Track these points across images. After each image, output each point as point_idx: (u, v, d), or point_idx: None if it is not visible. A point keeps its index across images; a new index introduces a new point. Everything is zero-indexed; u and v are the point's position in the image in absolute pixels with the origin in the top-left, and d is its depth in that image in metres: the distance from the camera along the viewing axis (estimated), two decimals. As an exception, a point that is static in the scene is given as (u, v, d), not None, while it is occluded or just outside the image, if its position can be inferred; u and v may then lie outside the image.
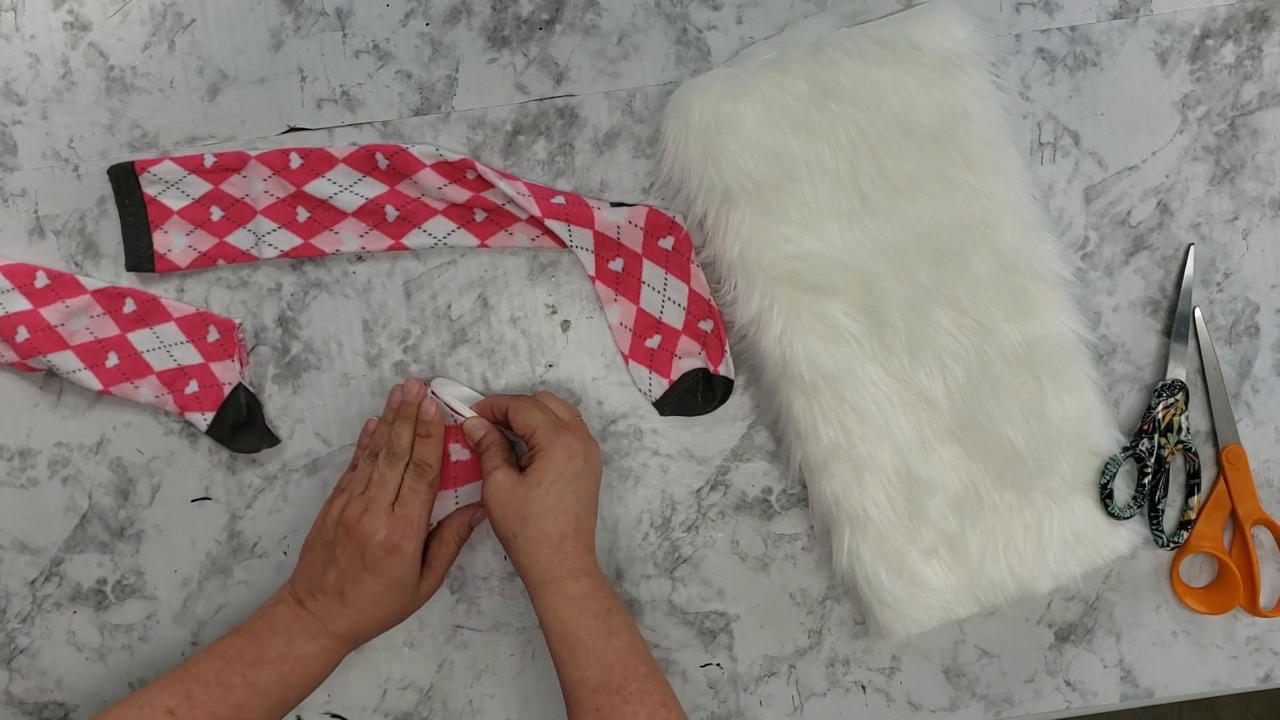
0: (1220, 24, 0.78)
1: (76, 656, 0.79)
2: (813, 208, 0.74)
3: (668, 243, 0.77)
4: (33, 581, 0.79)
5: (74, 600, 0.79)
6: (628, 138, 0.78)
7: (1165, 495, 0.78)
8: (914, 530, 0.74)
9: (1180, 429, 0.77)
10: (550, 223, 0.76)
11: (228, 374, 0.77)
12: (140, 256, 0.77)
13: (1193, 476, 0.78)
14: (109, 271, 0.78)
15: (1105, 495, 0.75)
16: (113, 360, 0.77)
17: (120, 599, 0.79)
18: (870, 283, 0.74)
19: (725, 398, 0.78)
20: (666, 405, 0.78)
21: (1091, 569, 0.76)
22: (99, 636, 0.79)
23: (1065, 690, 0.80)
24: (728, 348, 0.77)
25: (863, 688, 0.80)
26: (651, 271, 0.77)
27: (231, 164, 0.77)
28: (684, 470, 0.79)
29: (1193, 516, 0.78)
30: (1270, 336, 0.80)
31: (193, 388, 0.77)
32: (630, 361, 0.78)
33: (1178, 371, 0.78)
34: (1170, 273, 0.79)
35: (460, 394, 0.76)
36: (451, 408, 0.74)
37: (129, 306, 0.77)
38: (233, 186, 0.77)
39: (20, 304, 0.75)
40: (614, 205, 0.77)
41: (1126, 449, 0.76)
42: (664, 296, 0.77)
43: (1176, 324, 0.78)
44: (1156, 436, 0.77)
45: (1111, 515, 0.75)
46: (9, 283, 0.76)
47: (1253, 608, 0.78)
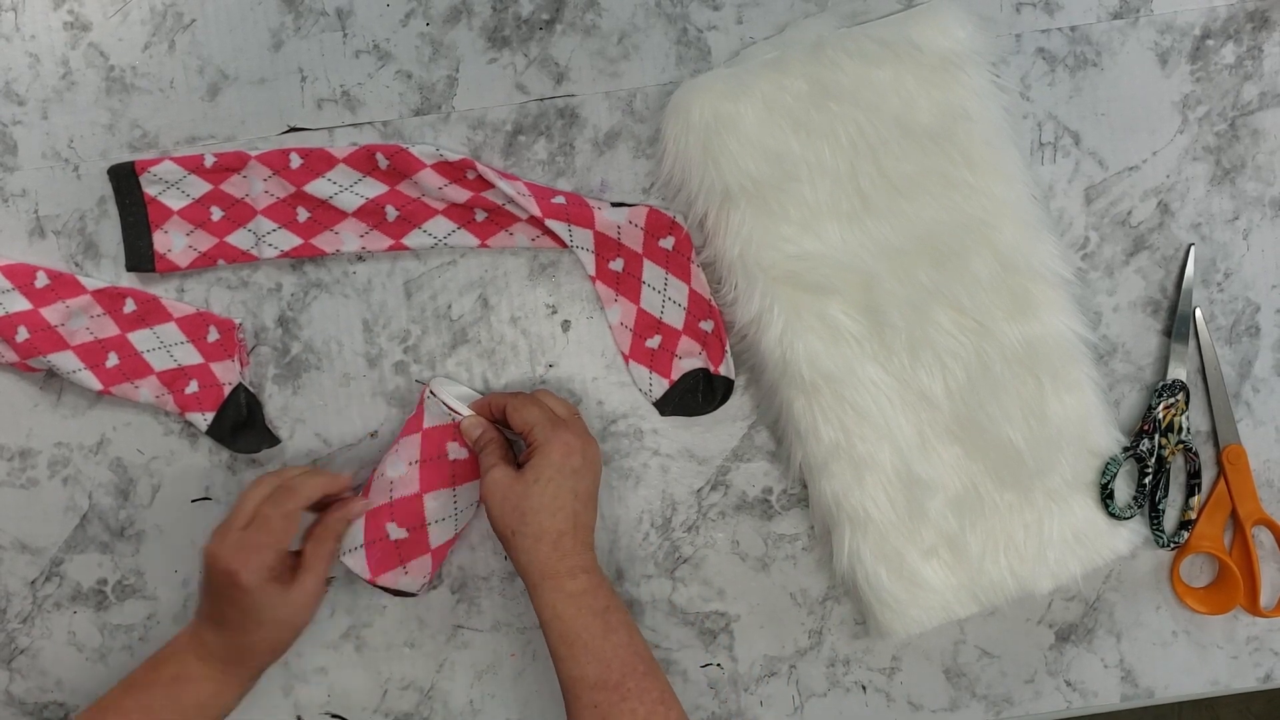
0: (1220, 24, 0.78)
1: (76, 657, 0.79)
2: (813, 208, 0.74)
3: (668, 243, 0.77)
4: (33, 582, 0.79)
5: (74, 600, 0.79)
6: (628, 138, 0.78)
7: (1165, 495, 0.78)
8: (914, 530, 0.74)
9: (1180, 429, 0.77)
10: (551, 223, 0.76)
11: (228, 374, 0.77)
12: (140, 256, 0.77)
13: (1193, 476, 0.78)
14: (109, 271, 0.78)
15: (1105, 495, 0.75)
16: (113, 360, 0.77)
17: (120, 599, 0.79)
18: (870, 283, 0.74)
19: (726, 398, 0.78)
20: (667, 405, 0.78)
21: (1092, 569, 0.76)
22: (99, 637, 0.79)
23: (1065, 690, 0.80)
24: (728, 348, 0.77)
25: (863, 688, 0.80)
26: (652, 271, 0.77)
27: (231, 164, 0.77)
28: (684, 470, 0.79)
29: (1193, 516, 0.78)
30: (1270, 336, 0.80)
31: (193, 388, 0.77)
32: (630, 361, 0.78)
33: (1178, 371, 0.78)
34: (1170, 273, 0.79)
35: (458, 393, 0.76)
36: (449, 406, 0.73)
37: (129, 306, 0.77)
38: (233, 186, 0.77)
39: (20, 304, 0.75)
40: (614, 205, 0.77)
41: (1127, 449, 0.76)
42: (664, 296, 0.77)
43: (1177, 324, 0.78)
44: (1157, 436, 0.77)
45: (1112, 515, 0.75)
46: (9, 283, 0.76)
47: (1253, 608, 0.78)
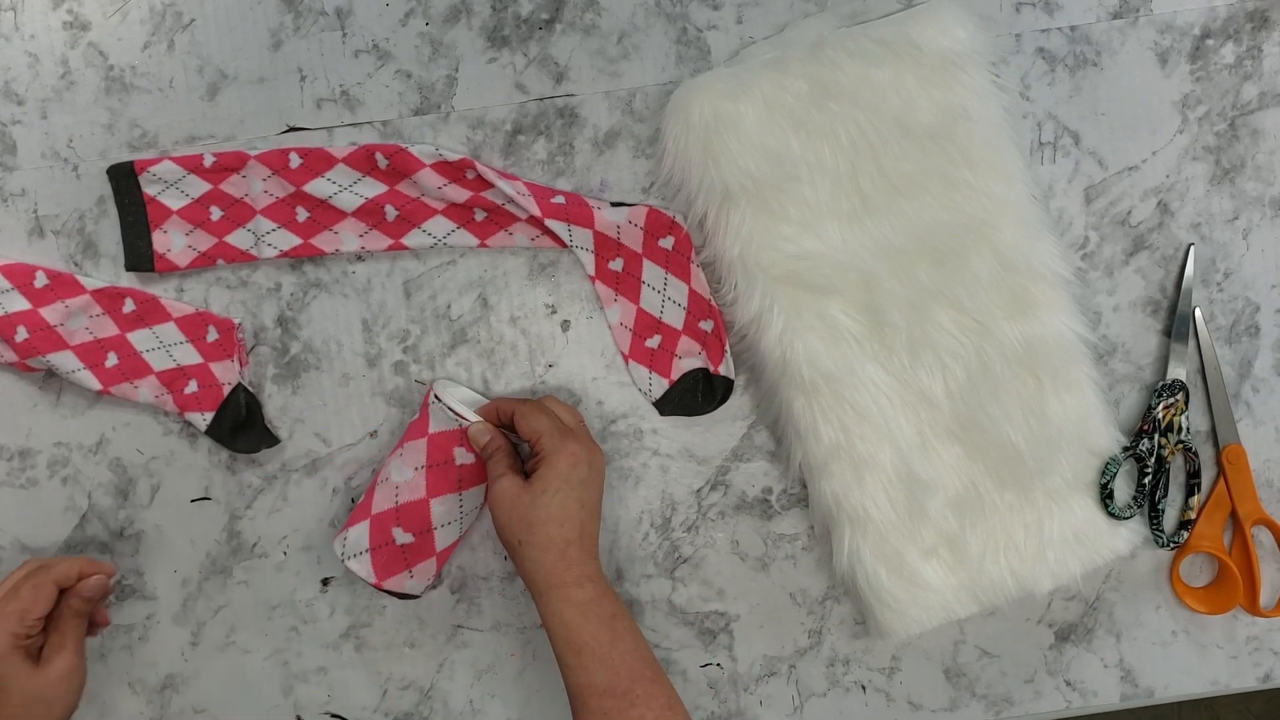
0: (1220, 24, 0.78)
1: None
2: (813, 207, 0.74)
3: (668, 242, 0.77)
4: (32, 582, 0.79)
5: (74, 600, 0.79)
6: (628, 137, 0.78)
7: (1165, 495, 0.78)
8: (914, 530, 0.74)
9: (1180, 429, 0.77)
10: (550, 222, 0.75)
11: (227, 374, 0.77)
12: (140, 256, 0.77)
13: (1193, 476, 0.78)
14: (108, 271, 0.78)
15: (1105, 495, 0.75)
16: (112, 360, 0.77)
17: (120, 599, 0.79)
18: (870, 282, 0.74)
19: (725, 398, 0.78)
20: (667, 405, 0.78)
21: (1091, 569, 0.76)
22: (99, 636, 0.79)
23: (1065, 690, 0.80)
24: (728, 348, 0.77)
25: (863, 688, 0.80)
26: (651, 271, 0.77)
27: (231, 164, 0.77)
28: (684, 470, 0.79)
29: (1193, 516, 0.78)
30: (1270, 336, 0.80)
31: (192, 388, 0.77)
32: (630, 361, 0.78)
33: (1178, 371, 0.78)
34: (1170, 273, 0.79)
35: (463, 396, 0.76)
36: (455, 411, 0.73)
37: (128, 306, 0.77)
38: (232, 186, 0.77)
39: (20, 304, 0.75)
40: (614, 205, 0.77)
41: (1127, 449, 0.76)
42: (664, 296, 0.77)
43: (1176, 324, 0.78)
44: (1157, 436, 0.77)
45: (1111, 515, 0.75)
46: (8, 283, 0.76)
47: (1253, 608, 0.78)
